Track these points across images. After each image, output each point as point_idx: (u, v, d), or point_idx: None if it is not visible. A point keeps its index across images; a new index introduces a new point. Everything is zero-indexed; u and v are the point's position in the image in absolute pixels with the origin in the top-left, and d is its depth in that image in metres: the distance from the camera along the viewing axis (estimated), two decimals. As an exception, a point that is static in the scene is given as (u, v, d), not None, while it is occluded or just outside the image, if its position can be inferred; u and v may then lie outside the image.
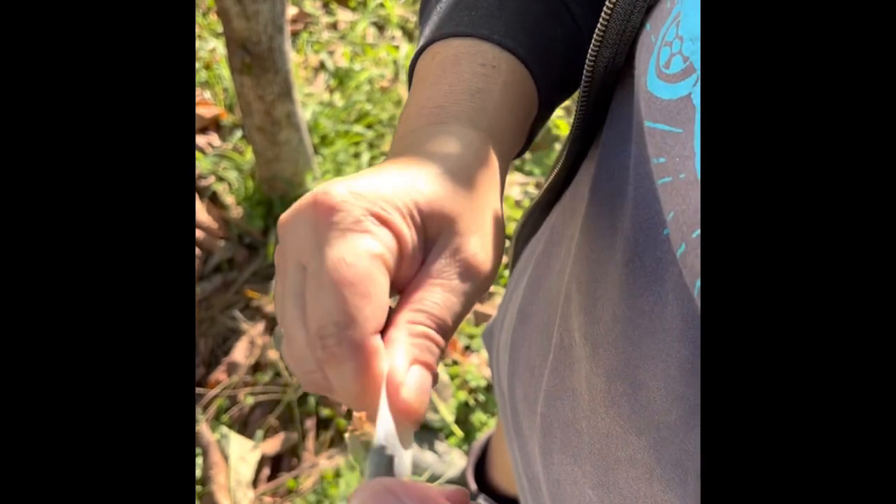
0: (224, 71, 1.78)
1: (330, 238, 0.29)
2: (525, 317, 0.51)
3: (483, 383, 1.40)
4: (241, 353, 1.41)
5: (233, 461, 1.28)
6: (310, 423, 1.34)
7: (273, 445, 1.32)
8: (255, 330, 1.44)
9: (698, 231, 0.30)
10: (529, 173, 1.77)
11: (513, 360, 0.52)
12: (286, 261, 0.31)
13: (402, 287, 0.32)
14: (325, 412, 1.35)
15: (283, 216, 0.32)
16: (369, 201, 0.30)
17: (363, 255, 0.29)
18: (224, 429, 1.32)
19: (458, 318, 0.32)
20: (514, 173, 1.78)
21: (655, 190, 0.33)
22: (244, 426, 1.35)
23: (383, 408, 0.29)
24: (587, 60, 0.39)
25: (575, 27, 0.44)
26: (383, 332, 0.30)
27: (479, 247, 0.33)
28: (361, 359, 0.29)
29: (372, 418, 0.29)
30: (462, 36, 0.40)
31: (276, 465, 1.33)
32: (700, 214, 0.30)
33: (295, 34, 1.95)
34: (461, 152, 0.35)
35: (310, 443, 1.33)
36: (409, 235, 0.31)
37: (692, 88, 0.31)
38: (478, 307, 1.51)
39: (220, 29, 1.80)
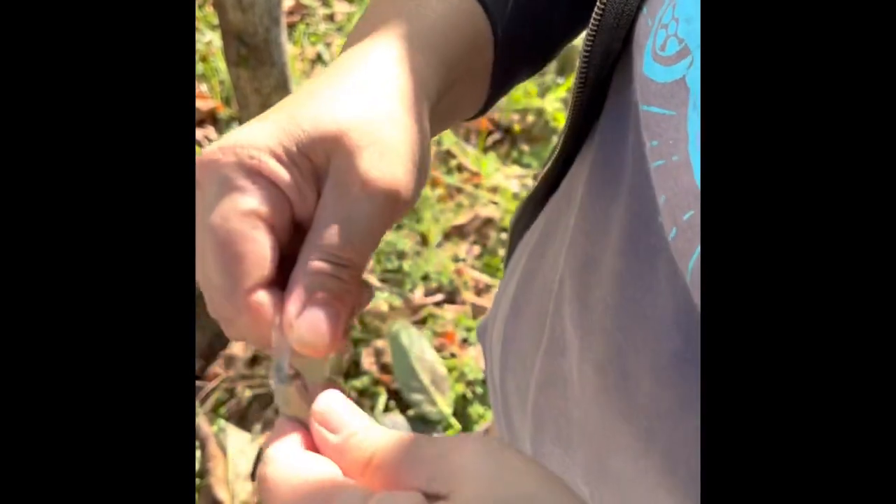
0: (220, 63, 1.78)
1: (203, 203, 0.31)
2: (518, 308, 0.51)
3: (480, 376, 1.40)
4: (238, 346, 1.41)
5: (231, 454, 1.28)
6: (308, 416, 1.34)
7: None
8: (253, 323, 1.44)
9: (690, 213, 0.30)
10: (527, 165, 1.77)
11: (505, 353, 0.52)
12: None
13: (309, 223, 0.32)
14: (323, 405, 1.35)
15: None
16: (236, 154, 0.31)
17: (232, 217, 0.30)
18: (222, 422, 1.32)
19: (365, 241, 0.32)
20: (511, 166, 1.78)
21: (649, 175, 0.33)
22: (242, 419, 1.36)
23: (276, 344, 0.31)
24: (584, 46, 0.39)
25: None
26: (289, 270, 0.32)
27: (374, 161, 0.31)
28: (248, 315, 0.31)
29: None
30: None
31: (274, 457, 1.33)
32: (692, 196, 0.30)
33: (291, 26, 1.94)
34: (362, 64, 0.34)
35: (308, 435, 1.33)
36: (288, 175, 0.31)
37: (687, 71, 0.31)
38: (475, 300, 1.51)
39: (215, 21, 1.79)
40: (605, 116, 0.40)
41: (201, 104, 1.72)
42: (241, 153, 0.31)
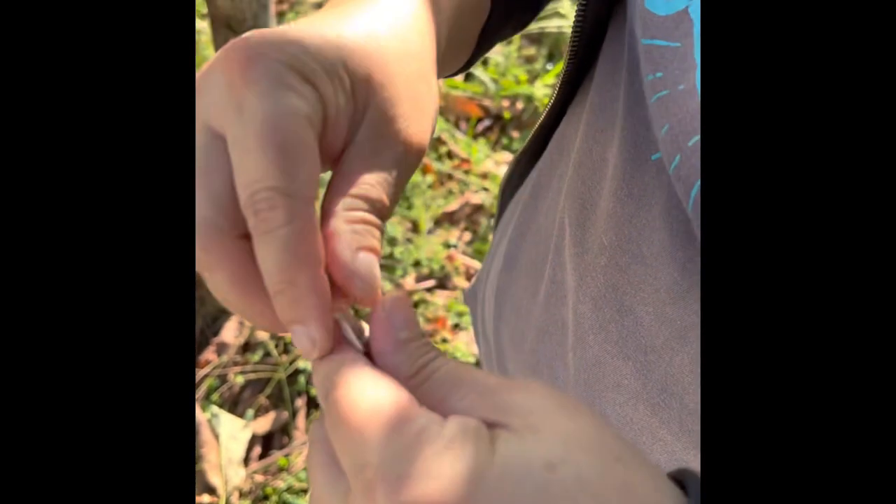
0: (208, 51, 1.77)
1: (250, 97, 0.26)
2: (512, 261, 0.52)
3: (472, 360, 1.41)
4: (230, 332, 1.42)
5: (224, 440, 1.28)
6: (300, 402, 1.35)
7: (264, 424, 1.33)
8: (245, 310, 1.44)
9: (695, 138, 0.30)
10: (517, 152, 1.78)
11: (499, 305, 0.53)
12: (196, 127, 0.28)
13: (330, 158, 0.29)
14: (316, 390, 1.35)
15: (197, 77, 0.28)
16: (290, 55, 0.27)
17: (291, 119, 0.26)
18: (215, 408, 1.32)
19: (395, 195, 0.30)
20: (501, 152, 1.78)
21: (646, 113, 0.33)
22: (235, 405, 1.36)
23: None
24: None
25: None
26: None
27: (412, 116, 0.30)
28: (297, 225, 0.26)
29: (295, 318, 0.28)
30: None
31: (267, 443, 1.33)
32: (698, 121, 0.30)
33: (280, 14, 1.93)
34: (398, 11, 0.32)
35: (300, 421, 1.34)
36: (335, 99, 0.28)
37: (689, 1, 0.31)
38: (466, 285, 1.52)
39: (204, 10, 1.79)
40: (601, 63, 0.41)
41: (190, 92, 1.72)
42: (296, 57, 0.27)
